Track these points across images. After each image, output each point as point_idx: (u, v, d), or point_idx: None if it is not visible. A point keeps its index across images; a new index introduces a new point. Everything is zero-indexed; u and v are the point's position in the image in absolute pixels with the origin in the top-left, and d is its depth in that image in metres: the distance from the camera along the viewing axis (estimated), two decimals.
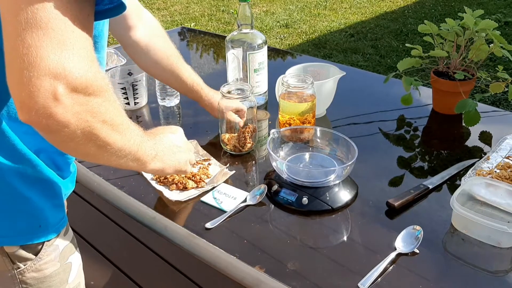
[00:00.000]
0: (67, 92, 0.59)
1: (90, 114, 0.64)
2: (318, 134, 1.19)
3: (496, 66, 1.42)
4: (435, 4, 5.49)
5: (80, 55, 0.60)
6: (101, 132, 0.67)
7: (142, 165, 0.82)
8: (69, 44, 0.59)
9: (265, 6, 5.84)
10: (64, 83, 0.59)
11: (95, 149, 0.68)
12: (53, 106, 0.59)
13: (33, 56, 0.56)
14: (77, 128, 0.62)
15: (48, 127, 0.60)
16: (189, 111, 1.46)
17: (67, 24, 0.59)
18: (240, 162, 1.20)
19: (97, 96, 0.64)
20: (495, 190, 0.99)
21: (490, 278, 0.85)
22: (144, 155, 0.81)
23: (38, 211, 0.80)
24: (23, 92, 0.58)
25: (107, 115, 0.67)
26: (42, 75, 0.57)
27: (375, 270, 0.85)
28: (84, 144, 0.66)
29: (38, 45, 0.57)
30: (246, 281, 0.85)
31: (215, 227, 0.98)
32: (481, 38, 1.28)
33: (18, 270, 0.80)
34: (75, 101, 0.61)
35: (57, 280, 0.85)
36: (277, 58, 1.94)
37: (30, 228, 0.79)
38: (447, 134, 1.31)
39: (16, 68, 0.58)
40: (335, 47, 4.45)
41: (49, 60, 0.57)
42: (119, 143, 0.71)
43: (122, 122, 0.71)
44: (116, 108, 0.69)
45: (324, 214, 1.01)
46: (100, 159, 0.72)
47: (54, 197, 0.83)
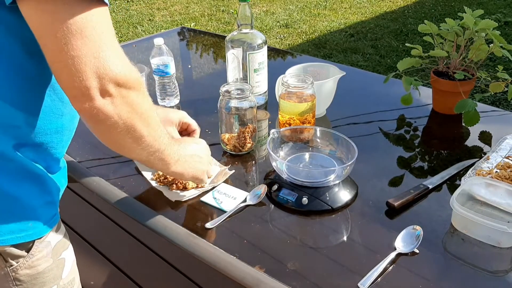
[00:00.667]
0: (112, 87, 0.70)
1: (131, 106, 0.74)
2: (318, 134, 1.19)
3: (496, 66, 1.42)
4: (435, 4, 5.49)
5: (115, 53, 0.70)
6: (138, 124, 0.76)
7: (165, 165, 0.89)
8: (103, 46, 0.68)
9: (265, 6, 5.84)
10: (108, 80, 0.69)
11: (131, 141, 0.78)
12: (101, 100, 0.70)
13: (79, 64, 0.67)
14: (120, 118, 0.73)
15: (97, 116, 0.71)
16: (189, 111, 1.46)
17: (97, 28, 0.68)
18: (240, 162, 1.20)
19: (135, 89, 0.74)
20: (495, 190, 0.99)
21: (490, 278, 0.85)
22: (169, 156, 0.88)
23: (28, 210, 0.80)
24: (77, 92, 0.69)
25: (143, 107, 0.76)
26: (89, 77, 0.68)
27: (375, 270, 0.85)
28: (124, 135, 0.76)
29: (80, 54, 0.67)
30: (246, 281, 0.85)
31: (215, 227, 0.98)
32: (481, 38, 1.28)
33: (11, 268, 0.80)
34: (119, 94, 0.71)
35: (50, 275, 0.85)
36: (277, 58, 1.94)
37: (21, 227, 0.79)
38: (447, 134, 1.31)
39: (66, 76, 0.68)
40: (335, 47, 4.45)
41: (92, 64, 0.67)
42: (151, 137, 0.80)
43: (155, 117, 0.81)
44: (149, 101, 0.79)
45: (324, 214, 1.01)
46: (134, 152, 0.81)
47: (45, 194, 0.83)
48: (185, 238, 0.96)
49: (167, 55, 1.43)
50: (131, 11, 5.85)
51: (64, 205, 0.94)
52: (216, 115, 1.26)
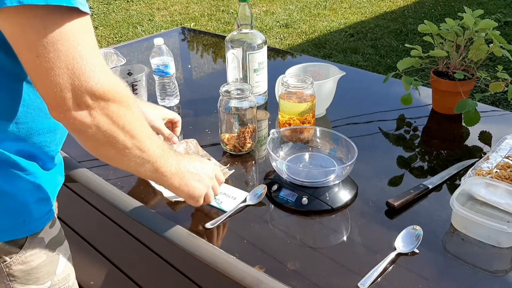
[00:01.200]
0: (88, 99, 0.69)
1: (110, 118, 0.72)
2: (318, 134, 1.19)
3: (495, 66, 1.42)
4: (435, 4, 5.49)
5: (92, 65, 0.68)
6: (119, 136, 0.74)
7: (160, 177, 0.86)
8: (78, 58, 0.67)
9: (265, 6, 5.85)
10: (83, 92, 0.68)
11: (115, 152, 0.76)
12: (78, 111, 0.69)
13: (52, 76, 0.66)
14: (98, 130, 0.72)
15: (74, 126, 0.70)
16: (189, 111, 1.46)
17: (71, 40, 0.66)
18: (240, 162, 1.20)
19: (115, 102, 0.72)
20: (494, 190, 0.99)
21: (490, 278, 0.85)
22: (163, 168, 0.85)
23: (21, 207, 0.80)
24: (52, 101, 0.68)
25: (126, 119, 0.74)
26: (63, 89, 0.67)
27: (375, 270, 0.85)
28: (105, 146, 0.74)
29: (53, 67, 0.65)
30: (246, 281, 0.85)
31: (215, 227, 0.98)
32: (480, 38, 1.28)
33: (5, 263, 0.80)
34: (97, 106, 0.70)
35: (44, 271, 0.85)
36: (277, 58, 1.94)
37: (14, 224, 0.80)
38: (447, 134, 1.31)
39: (41, 86, 0.68)
40: (335, 47, 4.45)
41: (66, 76, 0.66)
42: (137, 149, 0.78)
43: (141, 130, 0.78)
44: (135, 115, 0.76)
45: (324, 214, 1.01)
46: (120, 163, 0.80)
47: (38, 191, 0.83)
48: (185, 238, 0.96)
49: (167, 55, 1.43)
50: (131, 11, 5.85)
51: (64, 205, 0.94)
52: (216, 115, 1.26)
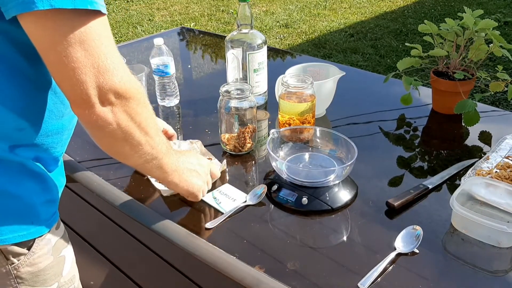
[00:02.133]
0: (111, 96, 0.72)
1: (129, 115, 0.75)
2: (318, 134, 1.19)
3: (495, 66, 1.42)
4: (435, 4, 5.49)
5: (115, 63, 0.71)
6: (135, 132, 0.78)
7: (163, 174, 0.90)
8: (102, 57, 0.70)
9: (265, 6, 5.84)
10: (107, 90, 0.71)
11: (129, 148, 0.80)
12: (101, 107, 0.72)
13: (79, 75, 0.68)
14: (118, 126, 0.75)
15: (96, 123, 0.73)
16: (189, 111, 1.46)
17: (97, 40, 0.69)
18: (240, 162, 1.20)
19: (135, 100, 0.75)
20: (494, 190, 0.99)
21: (490, 278, 0.85)
22: (166, 165, 0.89)
23: (29, 209, 0.80)
24: (77, 98, 0.71)
25: (142, 116, 0.78)
26: (89, 87, 0.70)
27: (375, 270, 0.85)
28: (121, 142, 0.78)
29: (80, 66, 0.68)
30: (246, 281, 0.85)
31: (215, 227, 0.98)
32: (480, 38, 1.28)
33: (13, 266, 0.80)
34: (119, 103, 0.73)
35: (51, 273, 0.85)
36: (276, 58, 1.94)
37: (22, 226, 0.80)
38: (446, 134, 1.31)
39: (67, 85, 0.70)
40: (334, 47, 4.45)
41: (92, 74, 0.69)
42: (149, 145, 0.82)
43: (153, 126, 0.82)
44: (149, 111, 0.80)
45: (324, 214, 1.01)
46: (131, 159, 0.83)
47: (45, 192, 0.84)
48: (185, 238, 0.96)
49: (167, 55, 1.43)
50: (131, 11, 5.85)
51: (64, 205, 0.94)
52: (216, 115, 1.26)
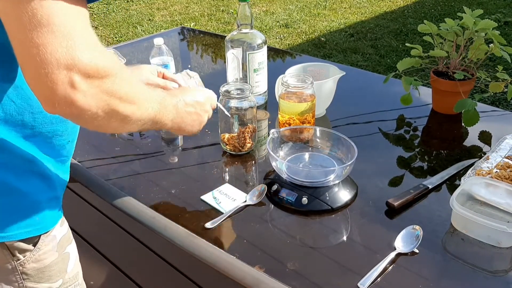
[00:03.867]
0: (81, 79, 0.64)
1: (107, 94, 0.69)
2: (317, 134, 1.19)
3: (495, 66, 1.42)
4: (434, 4, 5.49)
5: (85, 42, 0.64)
6: (119, 108, 0.72)
7: (160, 127, 0.88)
8: (72, 34, 0.62)
9: (265, 6, 5.84)
10: (77, 72, 0.63)
11: (118, 123, 0.75)
12: (72, 95, 0.64)
13: (44, 54, 0.61)
14: (97, 109, 0.68)
15: (72, 113, 0.66)
16: None
17: (67, 15, 0.62)
18: (240, 162, 1.20)
19: (109, 76, 0.68)
20: (494, 190, 0.99)
21: (490, 278, 0.85)
22: (163, 119, 0.86)
23: (35, 205, 0.81)
24: (43, 88, 0.63)
25: (122, 91, 0.72)
26: (55, 69, 0.62)
27: (374, 270, 0.85)
28: (107, 120, 0.72)
29: (45, 43, 0.60)
30: (246, 281, 0.86)
31: (215, 227, 0.98)
32: (480, 38, 1.28)
33: (18, 262, 0.80)
34: (90, 85, 0.66)
35: (56, 269, 0.86)
36: (276, 58, 1.94)
37: (28, 222, 0.80)
38: (446, 134, 1.31)
39: (31, 68, 0.62)
40: (334, 47, 4.45)
41: (58, 54, 0.61)
42: (137, 113, 0.77)
43: (137, 94, 0.76)
44: (129, 82, 0.74)
45: (324, 214, 1.01)
46: (124, 129, 0.79)
47: (50, 189, 0.84)
48: (185, 238, 0.96)
49: (167, 55, 1.43)
50: (131, 11, 5.85)
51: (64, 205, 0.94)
52: (216, 115, 1.26)
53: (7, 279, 0.81)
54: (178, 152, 1.29)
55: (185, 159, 1.24)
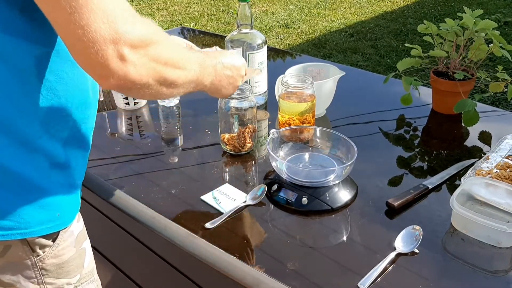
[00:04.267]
0: (129, 51, 0.67)
1: (153, 61, 0.72)
2: (317, 134, 1.19)
3: (495, 66, 1.42)
4: (434, 4, 5.49)
5: (124, 15, 0.66)
6: (167, 73, 0.76)
7: (201, 88, 0.91)
8: (111, 10, 0.65)
9: (265, 6, 5.85)
10: (123, 44, 0.66)
11: (166, 89, 0.78)
12: (123, 67, 0.68)
13: (89, 33, 0.63)
14: (148, 77, 0.72)
15: (126, 85, 0.70)
16: (189, 111, 1.46)
17: None
18: (239, 162, 1.20)
19: (152, 44, 0.71)
20: (494, 190, 0.99)
21: (490, 278, 0.85)
22: (203, 79, 0.90)
23: (56, 201, 0.80)
24: (95, 65, 0.66)
25: (166, 56, 0.75)
26: (103, 45, 0.65)
27: (374, 270, 0.85)
28: (158, 88, 0.76)
29: (89, 23, 0.63)
30: (246, 281, 0.86)
31: (215, 227, 0.98)
32: (480, 38, 1.28)
33: (38, 258, 0.80)
34: (137, 55, 0.69)
35: (74, 264, 0.86)
36: (276, 58, 1.94)
37: (49, 218, 0.80)
38: (446, 134, 1.31)
39: (80, 49, 0.65)
40: (334, 47, 4.45)
41: (103, 30, 0.64)
42: (182, 77, 0.81)
43: (180, 58, 0.80)
44: (170, 46, 0.77)
45: (324, 214, 1.01)
46: (173, 94, 0.83)
47: (70, 184, 0.84)
48: (185, 238, 0.96)
49: None
50: None
51: None
52: (216, 115, 1.26)
53: (26, 275, 0.81)
54: (178, 152, 1.29)
55: (185, 159, 1.24)
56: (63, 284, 0.84)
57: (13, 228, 0.76)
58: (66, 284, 0.85)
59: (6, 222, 0.75)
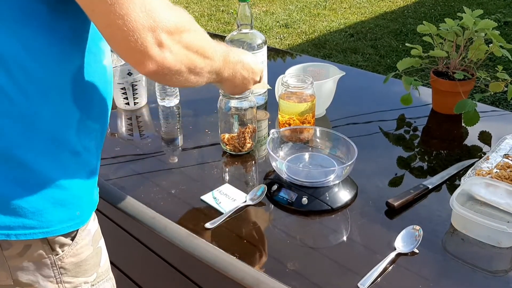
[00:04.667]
0: (166, 37, 0.71)
1: (186, 48, 0.76)
2: (317, 134, 1.19)
3: (495, 66, 1.42)
4: (434, 4, 5.49)
5: (160, 4, 0.70)
6: (197, 61, 0.80)
7: (219, 80, 0.93)
8: None
9: (265, 6, 5.85)
10: (160, 31, 0.70)
11: (194, 76, 0.82)
12: (161, 53, 0.72)
13: (129, 22, 0.67)
14: (182, 64, 0.76)
15: (163, 71, 0.74)
16: (189, 111, 1.46)
17: None
18: (239, 162, 1.20)
19: (186, 31, 0.75)
20: (494, 190, 0.99)
21: (490, 278, 0.85)
22: (224, 72, 0.92)
23: (76, 199, 0.80)
24: (135, 53, 0.70)
25: (198, 44, 0.79)
26: (142, 33, 0.68)
27: (374, 270, 0.85)
28: (187, 75, 0.79)
29: (128, 12, 0.67)
30: (246, 281, 0.86)
31: (215, 227, 0.98)
32: (480, 38, 1.28)
33: (57, 257, 0.80)
34: (173, 41, 0.73)
35: (91, 263, 0.86)
36: (276, 58, 1.94)
37: (69, 216, 0.80)
38: (446, 134, 1.31)
39: (120, 38, 0.68)
40: (334, 47, 4.45)
41: (141, 19, 0.68)
42: (209, 66, 0.84)
43: (209, 47, 0.84)
44: (201, 35, 0.81)
45: (324, 214, 1.01)
46: (198, 83, 0.85)
47: (90, 182, 0.84)
48: (185, 238, 0.96)
49: None
50: None
51: None
52: (216, 115, 1.26)
53: (45, 274, 0.81)
54: (178, 152, 1.29)
55: (185, 159, 1.24)
56: (81, 283, 0.84)
57: (35, 227, 0.76)
58: (84, 282, 0.85)
59: (29, 221, 0.75)
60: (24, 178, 0.74)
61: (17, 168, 0.73)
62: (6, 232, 0.74)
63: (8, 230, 0.74)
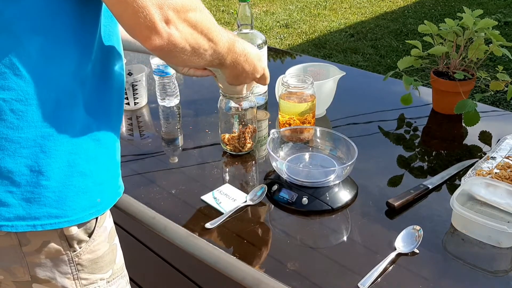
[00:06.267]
0: (173, 14, 0.73)
1: (193, 27, 0.78)
2: (318, 134, 1.19)
3: (495, 66, 1.42)
4: (435, 4, 5.49)
5: None
6: (201, 41, 0.81)
7: (220, 65, 0.93)
8: None
9: (265, 6, 5.85)
10: (167, 8, 0.72)
11: (196, 57, 0.82)
12: (168, 29, 0.74)
13: (139, 0, 0.70)
14: (186, 42, 0.78)
15: (168, 47, 0.75)
16: (189, 111, 1.47)
17: None
18: (240, 162, 1.20)
19: (193, 10, 0.77)
20: (495, 190, 0.99)
21: (490, 278, 0.85)
22: (226, 59, 0.92)
23: (98, 186, 0.80)
24: (144, 29, 0.72)
25: (204, 24, 0.80)
26: (151, 10, 0.71)
27: (375, 270, 0.85)
28: (191, 55, 0.81)
29: None
30: (246, 281, 0.86)
31: (215, 227, 0.98)
32: (480, 38, 1.28)
33: (75, 253, 0.80)
34: (179, 19, 0.75)
35: (107, 260, 0.86)
36: (277, 58, 1.94)
37: (91, 204, 0.79)
38: (447, 134, 1.31)
39: (130, 14, 0.71)
40: (335, 47, 4.45)
41: None
42: (212, 50, 0.85)
43: (215, 29, 0.84)
44: (208, 16, 0.82)
45: (324, 214, 1.01)
46: (199, 64, 0.86)
47: (112, 168, 0.84)
48: (185, 238, 0.96)
49: None
50: None
51: None
52: (216, 115, 1.26)
53: (63, 271, 0.81)
54: (178, 152, 1.29)
55: (185, 159, 1.24)
56: (97, 280, 0.84)
57: (60, 216, 0.75)
58: (100, 279, 0.85)
59: (53, 210, 0.75)
60: (47, 166, 0.74)
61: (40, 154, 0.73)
62: (32, 223, 0.74)
63: (34, 221, 0.74)
